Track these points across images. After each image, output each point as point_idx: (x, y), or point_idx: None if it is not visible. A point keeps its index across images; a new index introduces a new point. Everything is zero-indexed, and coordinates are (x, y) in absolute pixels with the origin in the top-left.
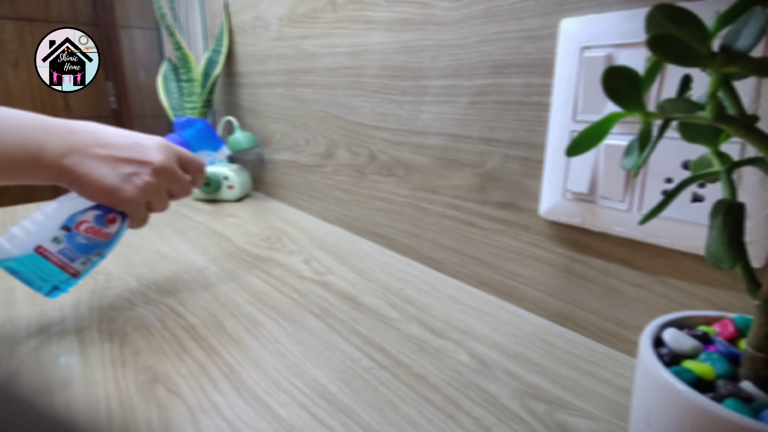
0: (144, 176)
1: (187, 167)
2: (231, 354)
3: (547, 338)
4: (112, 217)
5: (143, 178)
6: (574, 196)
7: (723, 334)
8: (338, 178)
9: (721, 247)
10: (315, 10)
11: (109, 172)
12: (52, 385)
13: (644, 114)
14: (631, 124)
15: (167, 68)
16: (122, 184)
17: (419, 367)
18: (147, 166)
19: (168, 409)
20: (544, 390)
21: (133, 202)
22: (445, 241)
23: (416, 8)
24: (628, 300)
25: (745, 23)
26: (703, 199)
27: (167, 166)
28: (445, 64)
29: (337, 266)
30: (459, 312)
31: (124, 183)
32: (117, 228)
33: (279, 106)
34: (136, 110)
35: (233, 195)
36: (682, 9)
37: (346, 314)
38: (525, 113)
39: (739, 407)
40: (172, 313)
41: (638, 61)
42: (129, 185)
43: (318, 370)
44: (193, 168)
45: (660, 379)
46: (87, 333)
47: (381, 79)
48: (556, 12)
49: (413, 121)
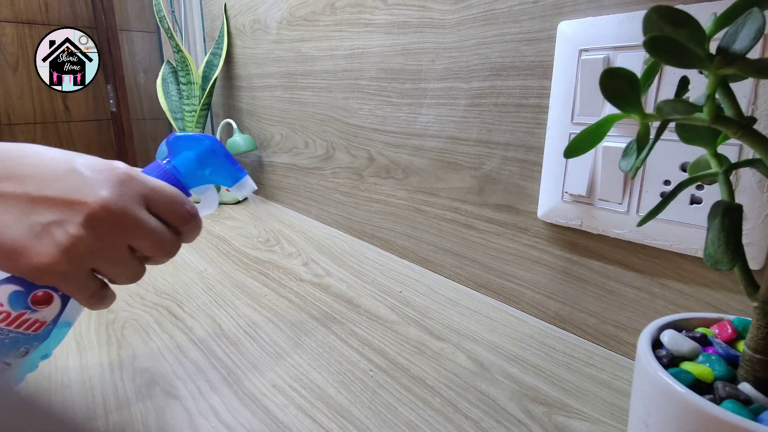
0: (70, 227)
1: (162, 212)
2: (229, 356)
3: (545, 340)
4: (42, 296)
5: (69, 231)
6: (572, 198)
7: (721, 336)
8: (337, 180)
9: (719, 249)
10: (314, 13)
11: (14, 221)
12: (50, 388)
13: (642, 115)
14: (629, 126)
15: (166, 71)
16: (32, 242)
17: (418, 370)
18: (78, 211)
19: (166, 412)
20: (542, 392)
21: (55, 271)
22: (444, 244)
23: (415, 11)
24: (626, 302)
25: (742, 25)
26: (701, 201)
27: (115, 209)
28: (444, 66)
29: (335, 268)
30: (457, 314)
31: (36, 240)
32: (54, 312)
33: (278, 108)
34: (136, 113)
35: (232, 198)
36: (679, 11)
37: (345, 316)
38: (523, 115)
39: (738, 409)
40: (170, 315)
41: (636, 63)
42: (43, 243)
43: (316, 372)
44: (174, 215)
45: (659, 380)
46: (84, 335)
47: (379, 81)
48: (554, 15)
49: (412, 124)
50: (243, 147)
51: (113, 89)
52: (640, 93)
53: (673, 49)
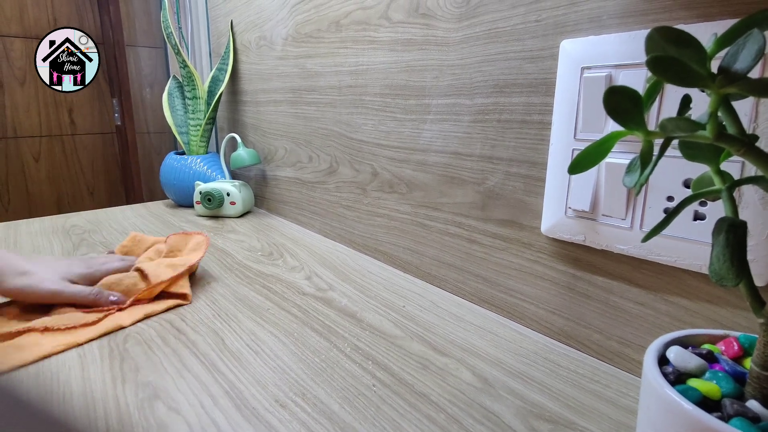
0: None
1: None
2: (232, 370)
3: (550, 356)
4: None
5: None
6: (575, 213)
7: (728, 352)
8: (340, 194)
9: (724, 265)
10: (319, 30)
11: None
12: (51, 401)
13: (646, 133)
14: (632, 143)
15: (172, 85)
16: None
17: (422, 386)
18: None
19: (168, 427)
20: (547, 409)
21: None
22: (447, 258)
23: (419, 29)
24: (630, 318)
25: (743, 45)
26: (705, 218)
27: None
28: (447, 83)
29: (338, 283)
30: (461, 329)
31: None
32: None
33: (282, 123)
34: (140, 127)
35: (235, 211)
36: (680, 31)
37: (348, 331)
38: (526, 132)
39: (747, 427)
40: (173, 328)
41: (637, 81)
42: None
43: (319, 387)
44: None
45: (666, 397)
46: (87, 348)
47: (384, 97)
48: (556, 33)
49: (416, 139)
50: (247, 161)
51: (119, 103)
52: (643, 111)
53: (676, 69)
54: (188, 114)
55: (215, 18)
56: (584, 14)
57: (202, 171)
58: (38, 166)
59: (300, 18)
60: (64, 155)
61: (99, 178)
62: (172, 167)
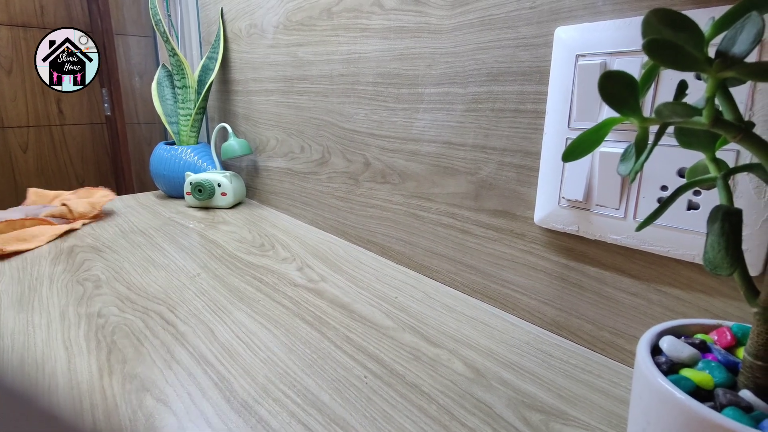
0: None
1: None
2: (221, 362)
3: (542, 347)
4: None
5: None
6: (569, 203)
7: (720, 342)
8: (332, 185)
9: (719, 254)
10: (311, 18)
11: None
12: (35, 393)
13: (641, 119)
14: (626, 132)
15: (162, 74)
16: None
17: (413, 377)
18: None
19: (155, 419)
20: (539, 399)
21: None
22: (440, 249)
23: (412, 17)
24: (623, 308)
25: (740, 29)
26: (698, 207)
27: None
28: (440, 71)
29: (330, 274)
30: (453, 320)
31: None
32: None
33: (274, 113)
34: (130, 117)
35: (226, 202)
36: (677, 14)
37: (340, 322)
38: (520, 121)
39: (740, 417)
40: (161, 320)
41: (632, 68)
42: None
43: (310, 378)
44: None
45: (659, 387)
46: (73, 340)
47: (376, 86)
48: (550, 20)
49: (408, 129)
50: (238, 151)
51: (108, 93)
52: (638, 96)
53: (673, 52)
54: (178, 104)
55: (205, 5)
56: (579, 0)
57: (192, 161)
58: (26, 157)
59: (291, 5)
60: (53, 146)
61: (89, 169)
62: (162, 158)
